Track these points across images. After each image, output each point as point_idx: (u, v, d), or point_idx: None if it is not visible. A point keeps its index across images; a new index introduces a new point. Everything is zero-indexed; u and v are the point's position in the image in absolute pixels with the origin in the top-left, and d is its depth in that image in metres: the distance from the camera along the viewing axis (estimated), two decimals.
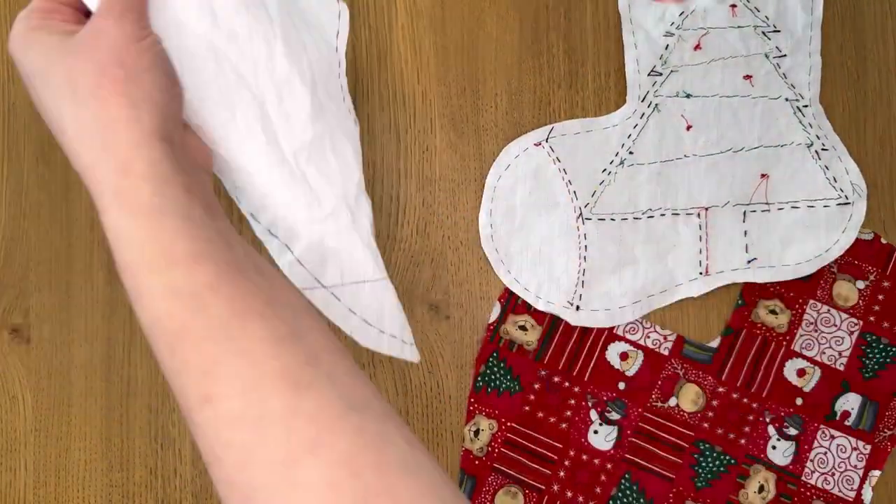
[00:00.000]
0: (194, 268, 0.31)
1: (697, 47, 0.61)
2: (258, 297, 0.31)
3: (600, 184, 0.61)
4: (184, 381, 0.31)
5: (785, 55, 0.61)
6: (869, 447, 0.59)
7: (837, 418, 0.59)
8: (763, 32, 0.61)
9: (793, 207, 0.60)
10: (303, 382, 0.30)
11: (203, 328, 0.30)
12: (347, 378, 0.31)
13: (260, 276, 0.33)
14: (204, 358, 0.30)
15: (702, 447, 0.59)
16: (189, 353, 0.30)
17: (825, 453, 0.59)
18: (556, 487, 0.59)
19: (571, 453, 0.59)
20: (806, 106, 0.61)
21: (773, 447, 0.59)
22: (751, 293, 0.61)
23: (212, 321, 0.30)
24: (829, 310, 0.60)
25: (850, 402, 0.60)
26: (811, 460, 0.59)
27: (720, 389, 0.60)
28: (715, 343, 0.60)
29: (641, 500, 0.59)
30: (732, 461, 0.59)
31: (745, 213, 0.60)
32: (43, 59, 0.35)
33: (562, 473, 0.59)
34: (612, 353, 0.60)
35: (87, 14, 0.41)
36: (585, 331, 0.60)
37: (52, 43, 0.35)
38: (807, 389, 0.60)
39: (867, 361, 0.60)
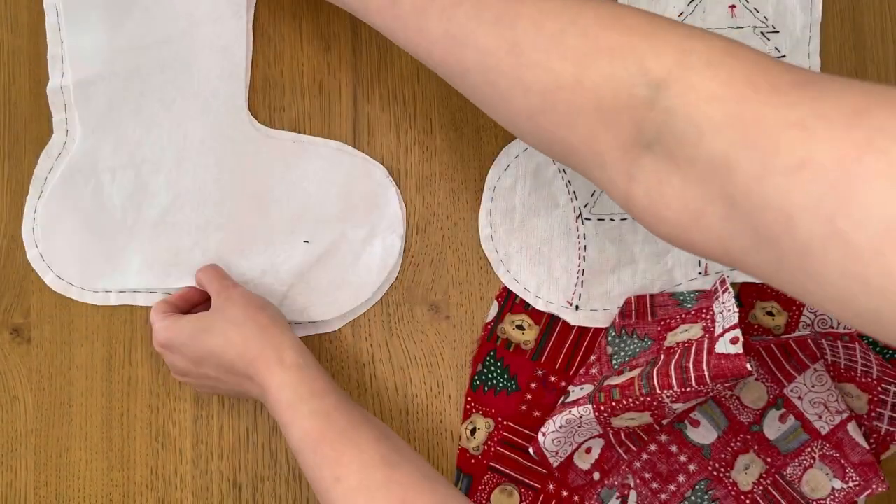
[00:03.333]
0: (325, 398, 0.51)
1: None
2: (359, 411, 0.51)
3: None
4: (322, 470, 0.48)
5: (784, 56, 0.61)
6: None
7: None
8: (762, 33, 0.61)
9: None
10: (394, 462, 0.47)
11: (333, 433, 0.49)
12: (420, 461, 0.49)
13: (352, 402, 0.52)
14: (335, 452, 0.48)
15: None
16: (326, 450, 0.48)
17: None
18: (551, 486, 0.59)
19: None
20: None
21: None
22: (748, 294, 0.61)
23: (337, 428, 0.49)
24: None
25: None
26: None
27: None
28: None
29: None
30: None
31: None
32: (199, 325, 0.55)
33: (557, 472, 0.59)
34: None
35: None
36: (582, 331, 0.60)
37: (192, 319, 0.56)
38: None
39: (865, 362, 0.60)
